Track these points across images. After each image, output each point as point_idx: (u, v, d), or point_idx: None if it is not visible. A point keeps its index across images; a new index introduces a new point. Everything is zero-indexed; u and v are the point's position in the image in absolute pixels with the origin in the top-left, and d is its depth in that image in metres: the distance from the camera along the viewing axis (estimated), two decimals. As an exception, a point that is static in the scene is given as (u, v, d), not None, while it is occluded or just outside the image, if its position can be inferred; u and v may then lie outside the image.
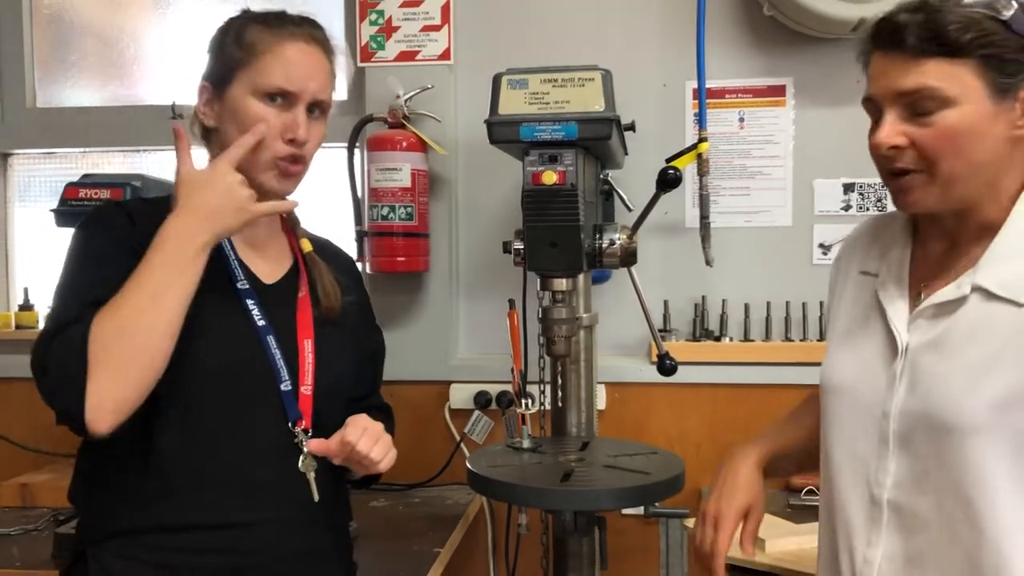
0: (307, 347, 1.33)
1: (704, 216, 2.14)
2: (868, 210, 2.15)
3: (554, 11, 2.23)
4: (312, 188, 1.39)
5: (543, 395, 1.83)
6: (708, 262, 2.16)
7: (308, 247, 1.39)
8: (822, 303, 2.14)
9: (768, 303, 2.18)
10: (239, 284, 1.28)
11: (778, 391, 2.10)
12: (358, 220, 2.18)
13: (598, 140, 1.53)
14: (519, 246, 1.64)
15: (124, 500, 1.24)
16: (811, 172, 2.17)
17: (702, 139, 2.11)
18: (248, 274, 1.31)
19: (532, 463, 1.65)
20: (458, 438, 2.22)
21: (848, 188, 2.16)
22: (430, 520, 1.93)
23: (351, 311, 1.42)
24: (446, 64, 2.20)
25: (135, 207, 1.31)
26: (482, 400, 2.19)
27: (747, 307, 2.20)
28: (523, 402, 1.82)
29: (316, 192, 1.51)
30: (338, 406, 1.37)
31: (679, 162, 2.07)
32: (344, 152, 2.16)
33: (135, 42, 2.50)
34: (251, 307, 1.27)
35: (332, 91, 1.35)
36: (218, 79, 1.29)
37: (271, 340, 1.28)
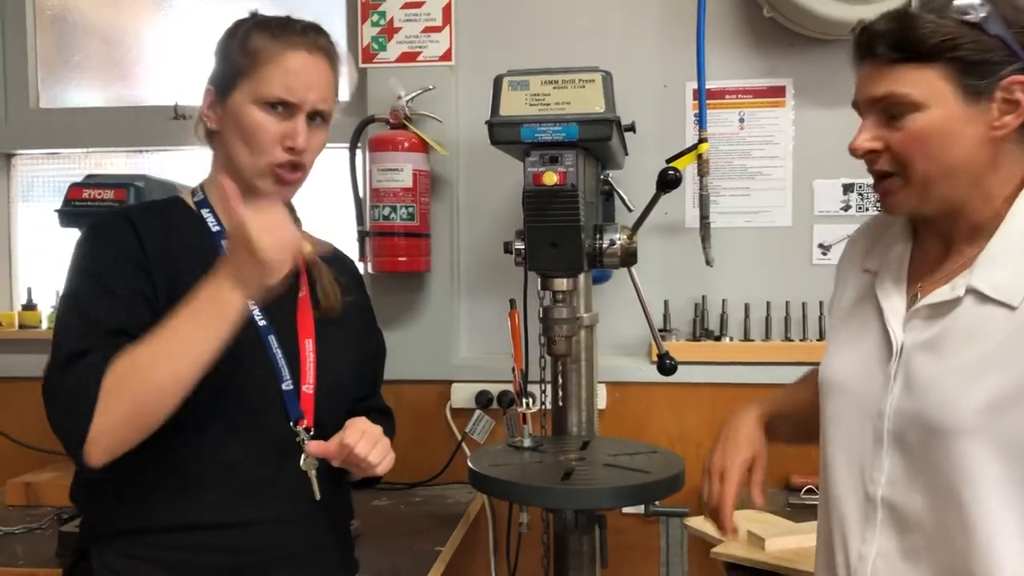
0: (308, 347, 1.34)
1: (704, 216, 2.14)
2: (868, 210, 2.15)
3: (555, 12, 2.23)
4: (314, 188, 1.40)
5: (544, 394, 1.83)
6: (708, 262, 2.16)
7: (308, 248, 1.39)
8: (822, 303, 2.14)
9: (768, 303, 2.18)
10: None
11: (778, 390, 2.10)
12: (360, 220, 2.19)
13: (598, 141, 1.53)
14: (520, 246, 1.65)
15: (126, 500, 1.24)
16: (811, 172, 2.18)
17: (702, 140, 2.12)
18: None
19: (533, 462, 1.66)
20: (459, 437, 2.22)
21: (848, 188, 2.17)
22: (431, 519, 1.94)
23: (351, 312, 1.42)
24: (447, 65, 2.21)
25: (138, 216, 1.29)
26: (483, 399, 2.20)
27: (747, 307, 2.20)
28: (524, 401, 1.83)
29: (318, 192, 1.51)
30: (340, 406, 1.38)
31: (679, 162, 2.07)
32: (346, 152, 2.17)
33: (138, 43, 2.51)
34: (251, 307, 1.27)
35: (335, 98, 1.36)
36: (222, 84, 1.30)
37: (272, 340, 1.29)
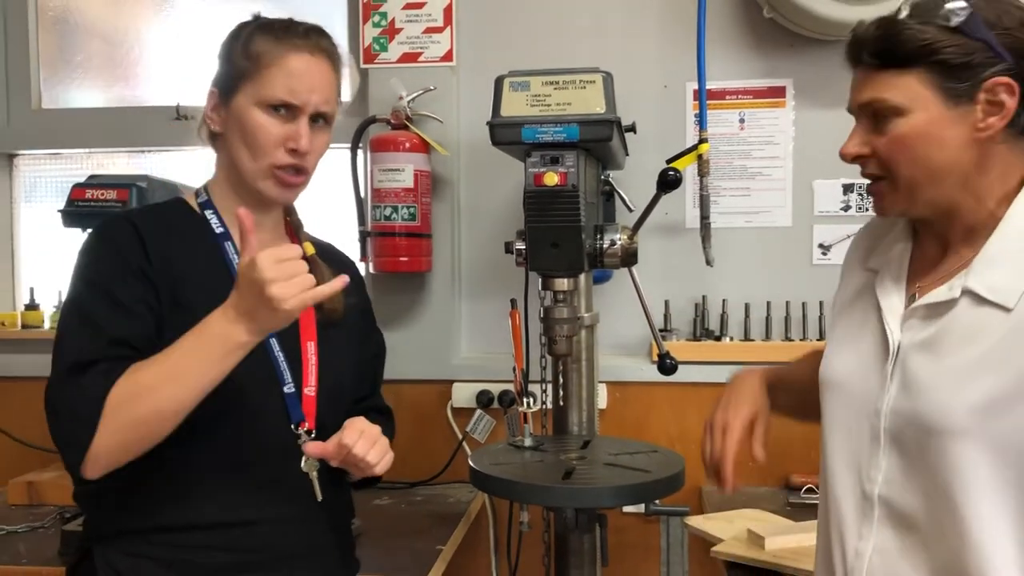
0: (310, 349, 1.34)
1: (704, 216, 2.15)
2: (867, 211, 2.16)
3: (556, 13, 2.24)
4: (315, 189, 1.40)
5: (544, 394, 1.84)
6: (708, 262, 2.17)
7: (311, 250, 1.39)
8: (822, 303, 2.15)
9: (768, 303, 2.19)
10: (237, 276, 1.29)
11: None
12: (361, 220, 2.19)
13: (599, 142, 1.54)
14: (521, 246, 1.65)
15: (129, 500, 1.25)
16: (811, 173, 2.18)
17: (702, 140, 2.12)
18: None
19: (534, 461, 1.66)
20: (460, 437, 2.22)
21: (847, 188, 2.17)
22: (432, 518, 1.94)
23: (352, 313, 1.42)
24: (448, 66, 2.21)
25: (141, 219, 1.29)
26: (484, 399, 2.20)
27: (747, 307, 2.21)
28: (525, 401, 1.83)
29: (319, 193, 1.52)
30: (340, 407, 1.38)
31: (679, 163, 2.08)
32: (347, 153, 2.17)
33: (139, 43, 2.51)
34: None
35: (337, 100, 1.36)
36: (225, 87, 1.31)
37: (274, 342, 1.29)
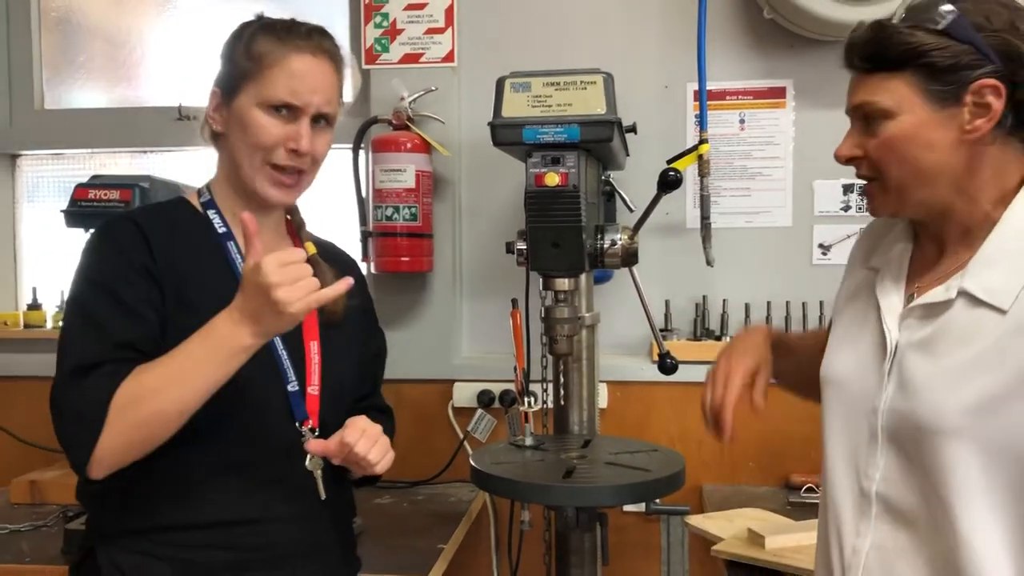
0: (313, 348, 1.35)
1: (705, 217, 2.15)
2: (867, 211, 2.16)
3: (556, 14, 2.25)
4: (317, 189, 1.41)
5: (545, 393, 1.85)
6: (709, 262, 2.17)
7: (312, 250, 1.40)
8: (822, 303, 2.15)
9: (768, 303, 2.19)
10: (242, 279, 1.30)
11: (778, 390, 2.10)
12: (363, 220, 2.20)
13: (600, 142, 1.54)
14: (522, 246, 1.66)
15: (132, 499, 1.25)
16: (811, 173, 2.19)
17: (703, 140, 2.13)
18: None
19: (535, 460, 1.67)
20: (461, 436, 2.23)
21: (847, 189, 2.18)
22: (434, 517, 1.95)
23: (354, 313, 1.43)
24: (450, 66, 2.22)
25: (145, 219, 1.29)
26: (485, 398, 2.21)
27: (747, 307, 2.21)
28: (526, 400, 1.83)
29: (321, 193, 1.52)
30: (342, 406, 1.38)
31: (680, 163, 2.08)
32: (349, 153, 2.18)
33: (142, 44, 2.52)
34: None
35: (339, 101, 1.37)
36: (227, 87, 1.31)
37: (277, 341, 1.29)
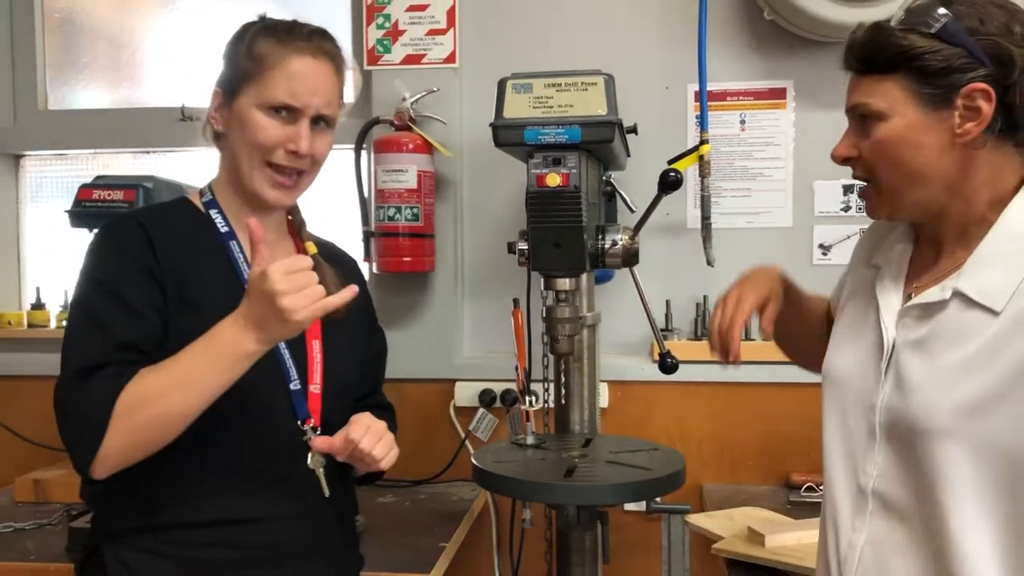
0: (315, 347, 1.36)
1: (705, 217, 2.16)
2: (867, 211, 2.17)
3: (558, 15, 2.25)
4: (319, 189, 1.41)
5: (547, 393, 1.85)
6: (709, 262, 2.18)
7: (313, 249, 1.41)
8: (822, 303, 2.16)
9: (769, 303, 2.20)
10: (247, 286, 1.31)
11: (778, 389, 2.12)
12: (365, 221, 2.20)
13: (601, 143, 1.55)
14: (523, 246, 1.67)
15: (136, 498, 1.26)
16: (811, 173, 2.19)
17: (703, 141, 2.13)
18: None
19: (536, 459, 1.68)
20: (463, 435, 2.24)
21: (848, 189, 2.18)
22: (436, 515, 1.95)
23: (355, 312, 1.42)
24: (451, 67, 2.23)
25: (148, 219, 1.30)
26: (487, 398, 2.21)
27: (748, 306, 2.22)
28: (527, 399, 1.84)
29: (323, 193, 1.53)
30: (344, 404, 1.39)
31: (681, 164, 2.09)
32: (351, 154, 2.19)
33: (145, 45, 2.53)
34: None
35: (340, 103, 1.37)
36: (228, 88, 1.32)
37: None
